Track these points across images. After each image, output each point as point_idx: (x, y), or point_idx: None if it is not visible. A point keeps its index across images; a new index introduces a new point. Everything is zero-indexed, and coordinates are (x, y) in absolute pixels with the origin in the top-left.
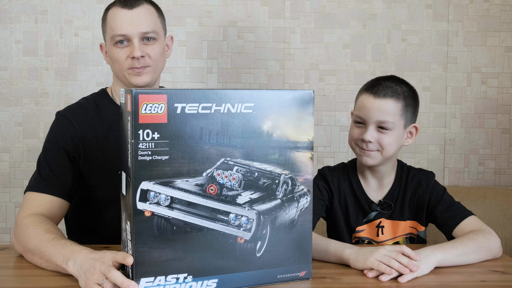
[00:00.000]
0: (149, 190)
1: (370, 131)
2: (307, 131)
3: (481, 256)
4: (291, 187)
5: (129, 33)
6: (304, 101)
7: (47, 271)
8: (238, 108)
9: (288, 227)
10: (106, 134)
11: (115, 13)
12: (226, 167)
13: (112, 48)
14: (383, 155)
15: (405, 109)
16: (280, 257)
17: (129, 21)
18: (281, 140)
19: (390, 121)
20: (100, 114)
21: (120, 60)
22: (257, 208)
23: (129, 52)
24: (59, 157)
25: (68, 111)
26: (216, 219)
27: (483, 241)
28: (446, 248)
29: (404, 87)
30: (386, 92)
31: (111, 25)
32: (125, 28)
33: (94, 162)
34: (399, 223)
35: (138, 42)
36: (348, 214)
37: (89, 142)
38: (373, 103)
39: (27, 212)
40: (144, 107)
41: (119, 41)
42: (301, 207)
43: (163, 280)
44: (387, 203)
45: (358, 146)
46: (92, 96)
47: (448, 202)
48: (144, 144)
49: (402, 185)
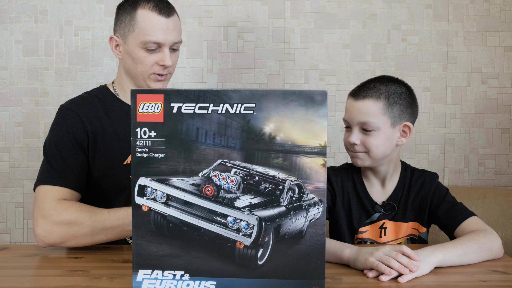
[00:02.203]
0: (146, 186)
1: (354, 133)
2: (318, 135)
3: (482, 256)
4: (298, 195)
5: (163, 42)
6: (314, 102)
7: (47, 271)
8: (237, 109)
9: (295, 237)
10: (111, 127)
11: (150, 17)
12: (223, 168)
13: (140, 50)
14: (371, 156)
15: (388, 107)
16: (286, 269)
17: (165, 30)
18: (286, 143)
19: (371, 121)
20: (104, 108)
21: (146, 63)
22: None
23: (158, 58)
24: (72, 150)
25: (73, 104)
26: (213, 220)
27: (484, 242)
28: (447, 248)
29: (392, 86)
30: (366, 93)
31: (145, 28)
32: (160, 36)
33: (100, 154)
34: (401, 225)
35: (168, 51)
36: (351, 215)
37: (95, 134)
38: (353, 106)
39: (51, 203)
40: (141, 106)
41: (151, 48)
42: (311, 217)
43: (160, 274)
44: (391, 205)
45: (349, 149)
46: (94, 91)
47: (450, 203)
48: (141, 141)
49: (406, 187)
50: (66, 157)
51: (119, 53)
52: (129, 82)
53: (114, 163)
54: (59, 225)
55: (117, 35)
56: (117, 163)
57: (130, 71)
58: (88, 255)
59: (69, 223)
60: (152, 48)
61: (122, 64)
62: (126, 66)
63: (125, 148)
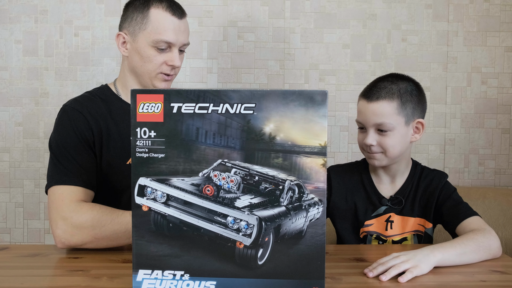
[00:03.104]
0: (146, 186)
1: (370, 135)
2: (318, 135)
3: (481, 256)
4: (298, 195)
5: (175, 42)
6: (315, 102)
7: (47, 271)
8: (237, 109)
9: (295, 237)
10: (114, 126)
11: (163, 17)
12: (223, 168)
13: (150, 49)
14: (388, 156)
15: (402, 106)
16: (286, 268)
17: (177, 31)
18: (286, 143)
19: (387, 122)
20: (107, 107)
21: (155, 63)
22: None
23: (167, 58)
24: (81, 148)
25: (76, 104)
26: (213, 220)
27: (483, 241)
28: (446, 248)
29: (402, 84)
30: (379, 95)
31: (157, 27)
32: (173, 36)
33: (105, 152)
34: (408, 219)
35: (177, 51)
36: (356, 210)
37: (100, 132)
38: (367, 108)
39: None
40: (141, 106)
41: (162, 47)
42: (310, 217)
43: (160, 274)
44: (398, 199)
45: (364, 150)
46: (95, 91)
47: (455, 201)
48: (141, 141)
49: (415, 183)
50: (76, 156)
51: (125, 50)
52: (133, 80)
53: (117, 163)
54: (80, 227)
55: (125, 32)
56: (120, 163)
57: (137, 69)
58: (88, 255)
59: (92, 225)
60: (163, 48)
61: (127, 62)
62: (132, 63)
63: (128, 148)
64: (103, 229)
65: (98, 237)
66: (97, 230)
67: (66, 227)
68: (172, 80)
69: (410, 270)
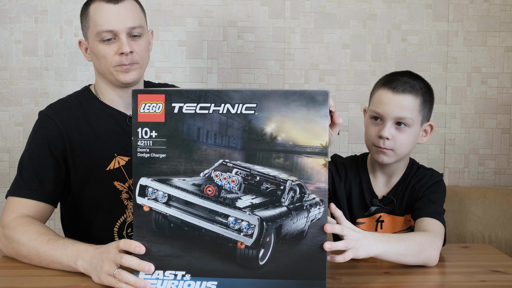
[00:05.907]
0: (147, 186)
1: (388, 127)
2: (319, 135)
3: (417, 261)
4: (300, 195)
5: (117, 29)
6: (316, 102)
7: (47, 271)
8: (238, 109)
9: (297, 238)
10: (90, 132)
11: (99, 8)
12: (224, 168)
13: (98, 44)
14: (397, 153)
15: (423, 105)
16: (287, 269)
17: (116, 16)
18: (287, 144)
19: (409, 117)
20: (84, 111)
21: (107, 57)
22: (259, 214)
23: (116, 48)
24: (46, 160)
25: (51, 110)
26: (214, 220)
27: (426, 249)
28: (391, 244)
29: (421, 83)
30: (405, 88)
31: (96, 20)
32: (112, 23)
33: (80, 159)
34: (398, 218)
35: (125, 37)
36: (351, 205)
37: (73, 139)
38: (391, 99)
39: (11, 215)
40: (142, 106)
41: (106, 37)
42: (312, 217)
43: (161, 275)
44: (390, 199)
45: (374, 145)
46: (75, 94)
47: (430, 200)
48: (143, 141)
49: (407, 182)
50: (38, 167)
51: (88, 56)
52: (104, 82)
53: (96, 170)
54: (7, 238)
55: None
56: (99, 170)
57: (99, 70)
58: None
59: (13, 240)
60: (108, 38)
61: (94, 66)
62: (95, 66)
63: (108, 153)
64: (22, 247)
65: (19, 255)
66: (15, 245)
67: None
68: (137, 70)
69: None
